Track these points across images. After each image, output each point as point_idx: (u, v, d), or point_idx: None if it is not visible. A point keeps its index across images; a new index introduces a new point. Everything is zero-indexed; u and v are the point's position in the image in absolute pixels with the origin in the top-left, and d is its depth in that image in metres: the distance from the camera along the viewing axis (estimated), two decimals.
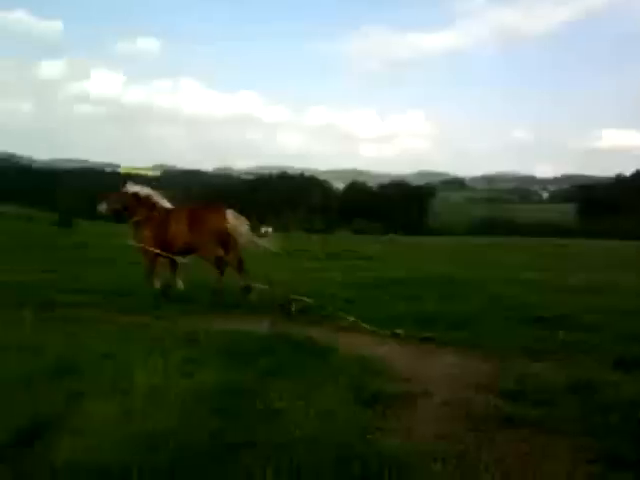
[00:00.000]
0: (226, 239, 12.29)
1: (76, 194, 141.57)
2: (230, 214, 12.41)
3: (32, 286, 13.70)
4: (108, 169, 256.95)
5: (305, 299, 11.00)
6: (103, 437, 4.43)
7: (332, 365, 6.73)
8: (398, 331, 8.92)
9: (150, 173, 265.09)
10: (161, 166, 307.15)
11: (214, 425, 4.78)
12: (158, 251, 12.79)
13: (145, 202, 13.30)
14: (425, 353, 8.00)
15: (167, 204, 13.49)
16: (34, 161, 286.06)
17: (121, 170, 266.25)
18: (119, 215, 13.95)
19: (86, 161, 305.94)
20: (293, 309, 10.64)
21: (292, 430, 4.65)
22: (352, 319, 9.77)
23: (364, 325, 9.46)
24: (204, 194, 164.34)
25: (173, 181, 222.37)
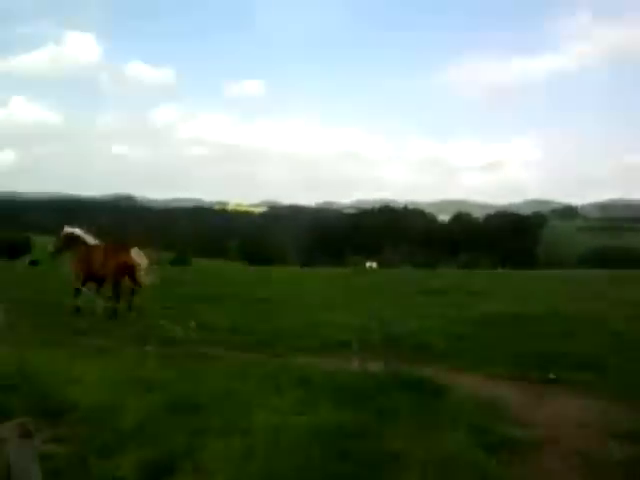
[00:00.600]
0: (130, 270, 16.99)
1: (190, 232, 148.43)
2: (134, 252, 17.17)
3: (152, 323, 14.37)
4: (218, 207, 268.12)
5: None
6: (226, 476, 4.50)
7: (449, 406, 6.55)
8: (552, 376, 8.40)
9: (257, 210, 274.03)
10: (267, 202, 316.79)
11: (334, 468, 4.75)
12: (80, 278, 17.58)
13: (75, 240, 18.00)
14: (547, 394, 7.61)
15: (92, 241, 18.15)
16: (151, 201, 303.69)
17: (229, 207, 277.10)
18: (61, 251, 18.70)
19: (199, 200, 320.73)
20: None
21: (414, 476, 4.54)
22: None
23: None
24: (309, 228, 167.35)
25: (278, 217, 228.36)
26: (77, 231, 18.23)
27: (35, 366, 7.94)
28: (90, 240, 18.13)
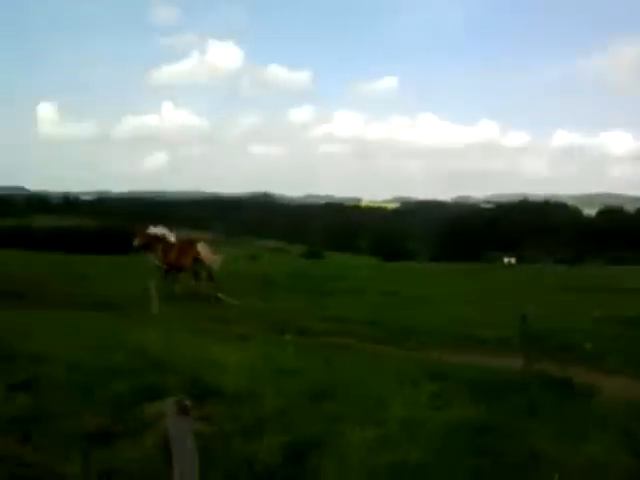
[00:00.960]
0: (198, 260, 21.15)
1: (323, 227, 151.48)
2: (200, 246, 21.61)
3: (291, 313, 14.87)
4: (350, 203, 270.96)
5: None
6: (362, 464, 4.57)
7: (597, 408, 6.18)
8: None
9: (389, 205, 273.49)
10: (400, 198, 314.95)
11: (470, 463, 4.67)
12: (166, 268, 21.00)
13: (160, 239, 21.38)
14: None
15: (172, 239, 21.74)
16: (287, 198, 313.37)
17: (362, 204, 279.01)
18: (145, 247, 21.88)
19: (332, 196, 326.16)
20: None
21: (558, 478, 4.34)
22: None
23: None
24: (444, 223, 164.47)
25: (412, 212, 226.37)
26: (161, 230, 22.01)
27: (183, 350, 8.52)
28: (171, 238, 21.87)
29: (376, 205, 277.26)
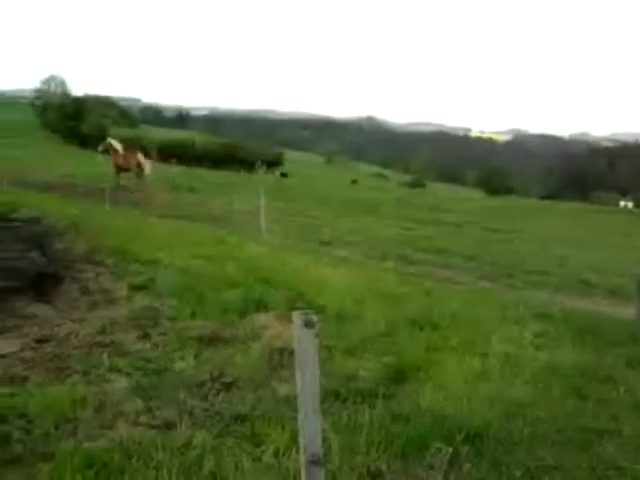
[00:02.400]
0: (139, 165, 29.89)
1: (429, 157, 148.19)
2: (139, 155, 30.44)
3: (392, 241, 14.89)
4: (460, 133, 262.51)
5: None
6: (461, 394, 4.61)
7: None
8: None
9: (501, 137, 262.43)
10: (514, 130, 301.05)
11: (571, 405, 4.61)
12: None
13: (114, 148, 31.33)
14: None
15: (119, 148, 31.39)
16: (393, 124, 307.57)
17: (472, 134, 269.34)
18: (105, 152, 32.30)
19: (441, 125, 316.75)
20: None
21: None
22: None
23: None
24: (557, 160, 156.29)
25: (524, 146, 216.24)
26: (113, 142, 32.32)
27: (289, 268, 8.80)
28: (119, 148, 31.50)
29: (487, 136, 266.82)
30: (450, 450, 3.59)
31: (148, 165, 30.79)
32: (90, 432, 3.67)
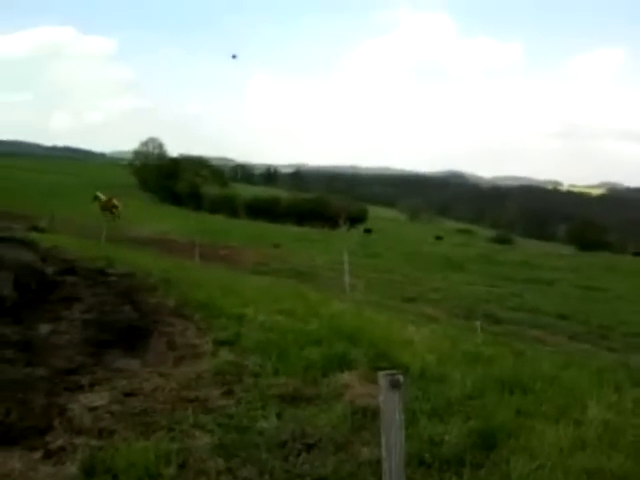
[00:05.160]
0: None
1: (516, 211, 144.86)
2: (115, 200, 46.41)
3: (478, 299, 14.49)
4: (549, 186, 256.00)
5: None
6: (556, 464, 4.33)
7: None
8: None
9: (594, 191, 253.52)
10: (607, 184, 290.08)
11: None
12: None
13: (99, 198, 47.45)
14: None
15: (103, 197, 47.30)
16: (479, 179, 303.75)
17: (563, 188, 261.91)
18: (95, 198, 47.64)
19: (529, 179, 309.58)
20: None
21: None
22: None
23: None
24: None
25: (620, 200, 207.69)
26: (99, 194, 46.49)
27: (372, 325, 8.70)
28: (103, 197, 46.30)
29: (578, 190, 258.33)
30: None
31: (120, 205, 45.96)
32: None
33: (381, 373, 2.66)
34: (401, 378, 2.60)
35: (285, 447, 4.48)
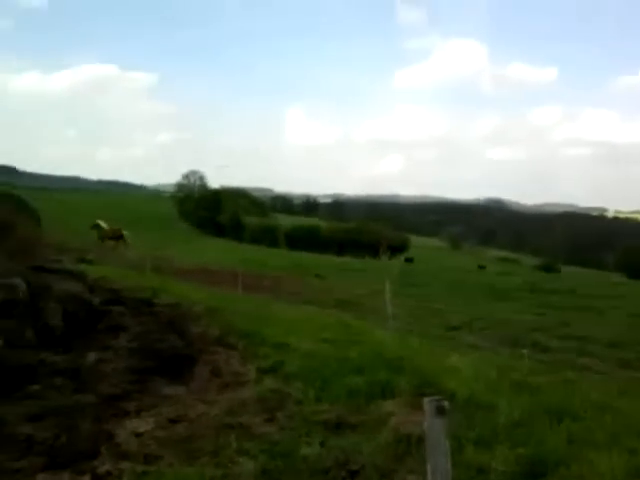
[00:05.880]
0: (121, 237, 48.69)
1: (561, 239, 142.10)
2: (122, 230, 49.97)
3: (524, 327, 14.21)
4: (594, 213, 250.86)
5: None
6: None
7: None
8: None
9: None
10: None
11: None
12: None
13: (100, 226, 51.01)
14: None
15: (105, 226, 50.92)
16: (522, 206, 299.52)
17: (609, 214, 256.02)
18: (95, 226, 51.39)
19: (573, 205, 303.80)
20: None
21: None
22: None
23: None
24: None
25: None
26: (100, 222, 49.17)
27: (415, 353, 8.60)
28: (105, 225, 48.66)
29: (625, 216, 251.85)
30: None
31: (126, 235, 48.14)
32: None
33: (426, 399, 2.64)
34: (446, 403, 2.58)
35: (328, 474, 4.45)
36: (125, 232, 48.38)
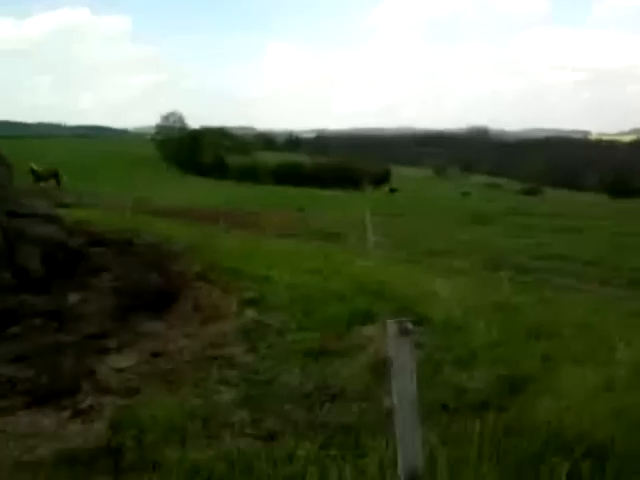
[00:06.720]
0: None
1: (543, 163, 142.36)
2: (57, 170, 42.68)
3: (507, 250, 14.33)
4: (577, 136, 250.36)
5: None
6: (582, 405, 4.27)
7: None
8: None
9: (625, 138, 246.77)
10: (638, 130, 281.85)
11: None
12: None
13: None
14: None
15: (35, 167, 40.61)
16: (506, 133, 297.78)
17: (593, 137, 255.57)
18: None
19: (558, 130, 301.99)
20: None
21: None
22: None
23: None
24: None
25: None
26: (33, 165, 40.26)
27: (397, 280, 8.65)
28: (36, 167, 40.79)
29: (608, 138, 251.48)
30: (568, 465, 3.30)
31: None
32: (197, 442, 3.74)
33: (389, 321, 2.62)
34: (410, 325, 2.56)
35: (309, 398, 4.51)
36: (61, 173, 43.64)
